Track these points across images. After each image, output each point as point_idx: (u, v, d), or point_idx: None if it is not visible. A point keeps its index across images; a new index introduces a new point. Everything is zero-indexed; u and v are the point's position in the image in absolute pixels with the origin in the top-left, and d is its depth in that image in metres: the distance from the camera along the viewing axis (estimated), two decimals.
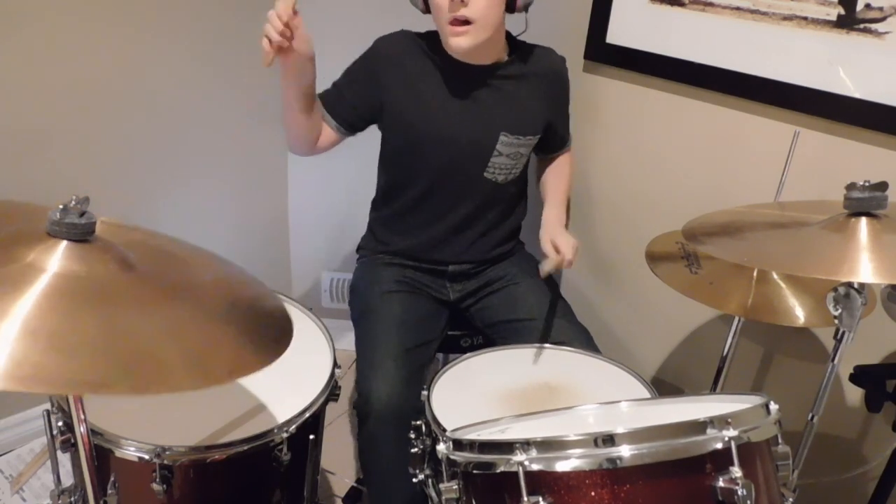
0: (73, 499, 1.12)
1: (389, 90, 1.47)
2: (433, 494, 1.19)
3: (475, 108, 1.49)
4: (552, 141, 1.66)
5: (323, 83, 1.46)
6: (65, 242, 0.79)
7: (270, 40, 1.19)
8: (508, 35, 1.52)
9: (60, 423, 1.02)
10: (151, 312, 0.80)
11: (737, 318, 1.41)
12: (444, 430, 1.12)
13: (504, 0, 1.38)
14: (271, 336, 0.89)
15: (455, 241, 1.59)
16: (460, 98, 1.48)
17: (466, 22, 1.34)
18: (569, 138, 1.72)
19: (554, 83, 1.59)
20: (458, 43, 1.37)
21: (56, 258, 0.78)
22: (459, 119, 1.48)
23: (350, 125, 1.50)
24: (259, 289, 1.00)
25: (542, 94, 1.55)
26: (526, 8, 1.43)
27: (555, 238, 1.44)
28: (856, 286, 0.98)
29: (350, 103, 1.48)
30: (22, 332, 0.68)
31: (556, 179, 1.68)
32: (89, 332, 0.73)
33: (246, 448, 1.08)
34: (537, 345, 1.43)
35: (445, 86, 1.48)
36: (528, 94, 1.53)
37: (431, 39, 1.49)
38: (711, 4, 1.52)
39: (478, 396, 1.27)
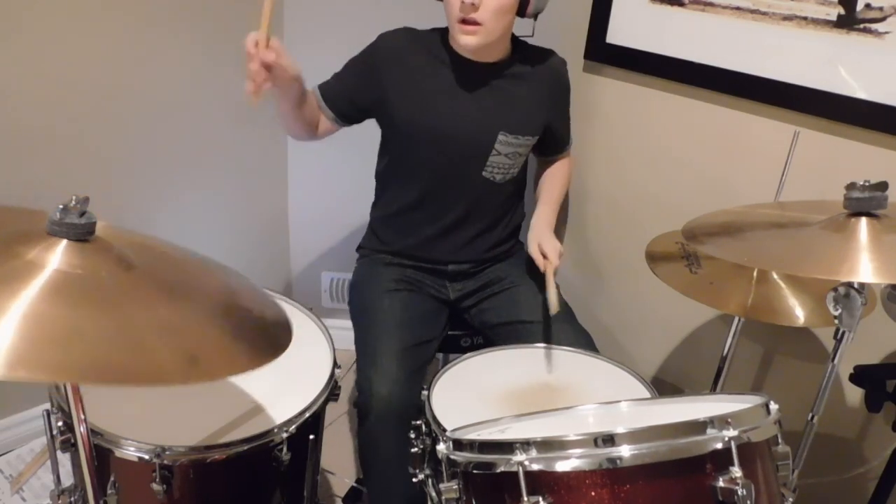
0: (73, 499, 1.12)
1: (390, 86, 1.48)
2: (433, 494, 1.19)
3: (475, 107, 1.49)
4: (550, 143, 1.66)
5: (323, 76, 1.47)
6: (65, 241, 0.80)
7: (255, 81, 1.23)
8: (512, 35, 1.52)
9: (60, 423, 1.02)
10: (149, 309, 0.81)
11: (737, 318, 1.41)
12: (445, 430, 1.12)
13: (514, 8, 1.40)
14: (269, 338, 0.89)
15: (452, 240, 1.59)
16: (460, 96, 1.49)
17: (476, 23, 1.37)
18: (568, 142, 1.72)
19: (554, 85, 1.59)
20: (466, 41, 1.40)
21: (56, 256, 0.78)
22: (459, 117, 1.48)
23: (346, 117, 1.54)
24: (258, 294, 1.01)
25: (542, 95, 1.56)
26: (536, 15, 1.46)
27: (542, 242, 1.48)
28: (856, 286, 0.98)
29: (348, 97, 1.52)
30: (22, 324, 0.69)
31: (551, 183, 1.69)
32: (87, 324, 0.74)
33: (246, 448, 1.08)
34: (537, 345, 1.43)
35: (446, 83, 1.48)
36: (528, 94, 1.53)
37: (434, 37, 1.50)
38: (711, 4, 1.51)
39: (478, 396, 1.27)
